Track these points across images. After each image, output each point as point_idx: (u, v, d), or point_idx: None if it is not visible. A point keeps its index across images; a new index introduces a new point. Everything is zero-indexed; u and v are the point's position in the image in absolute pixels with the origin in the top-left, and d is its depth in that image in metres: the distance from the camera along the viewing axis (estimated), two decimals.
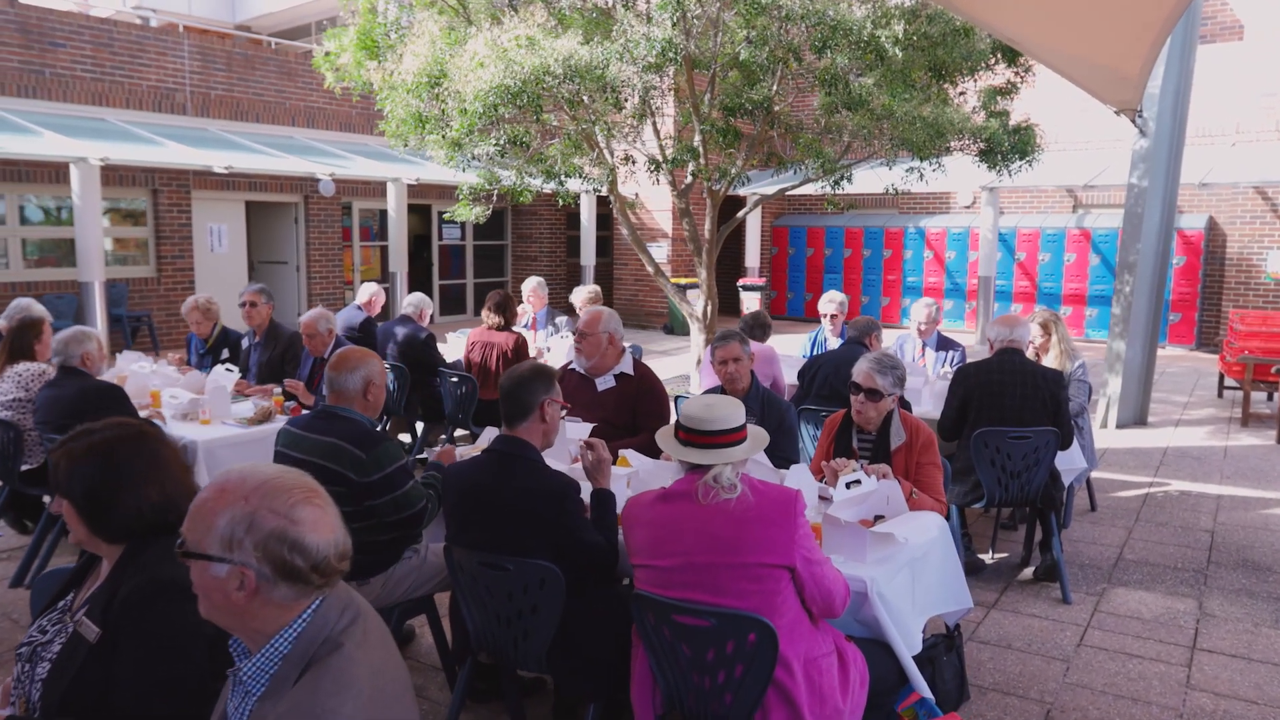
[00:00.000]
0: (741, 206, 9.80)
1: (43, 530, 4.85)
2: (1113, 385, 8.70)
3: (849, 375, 3.92)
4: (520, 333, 6.95)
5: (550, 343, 7.69)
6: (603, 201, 15.26)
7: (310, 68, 9.59)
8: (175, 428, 5.06)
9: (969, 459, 4.75)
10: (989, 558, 5.23)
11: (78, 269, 9.89)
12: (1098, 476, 6.78)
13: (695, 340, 9.62)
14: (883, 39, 7.22)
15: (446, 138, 7.96)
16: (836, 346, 6.16)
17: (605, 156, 8.84)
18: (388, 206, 13.03)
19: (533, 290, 8.16)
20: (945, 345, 6.44)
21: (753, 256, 17.00)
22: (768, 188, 11.38)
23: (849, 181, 9.17)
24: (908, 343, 6.62)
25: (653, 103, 8.73)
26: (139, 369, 5.83)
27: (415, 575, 3.53)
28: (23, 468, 4.96)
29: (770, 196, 10.22)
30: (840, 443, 3.93)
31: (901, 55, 7.47)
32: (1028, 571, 5.03)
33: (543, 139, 8.89)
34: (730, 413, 2.62)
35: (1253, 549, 5.43)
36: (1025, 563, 5.15)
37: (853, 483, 3.25)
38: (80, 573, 2.13)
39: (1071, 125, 14.04)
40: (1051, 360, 5.64)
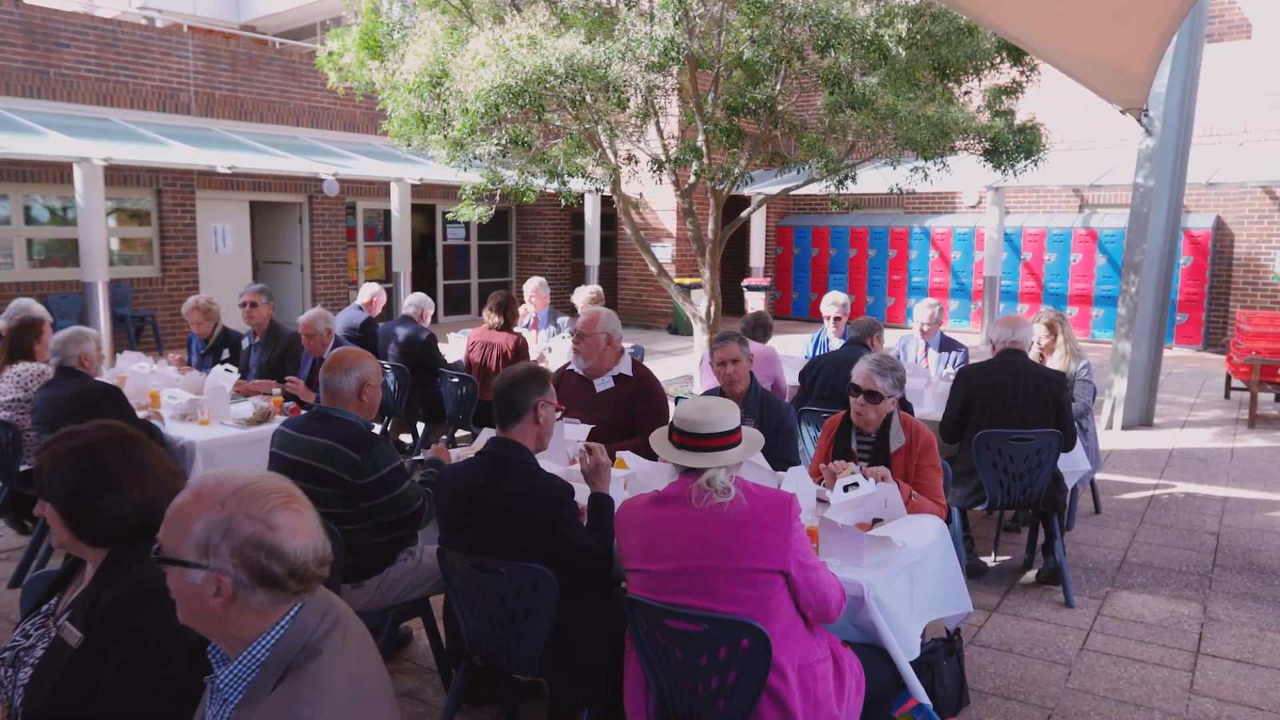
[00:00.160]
0: (746, 206, 9.76)
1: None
2: (1118, 386, 8.65)
3: (850, 376, 3.88)
4: (520, 333, 6.93)
5: (552, 343, 7.66)
6: (607, 201, 15.22)
7: (314, 68, 9.59)
8: (174, 428, 5.05)
9: (971, 461, 4.72)
10: (991, 560, 5.19)
11: (81, 269, 9.89)
12: (1102, 478, 6.73)
13: (699, 341, 9.59)
14: (886, 38, 7.18)
15: (448, 137, 7.94)
16: (838, 347, 6.13)
17: (608, 156, 8.81)
18: (391, 206, 13.03)
19: (534, 291, 8.13)
20: (948, 346, 6.39)
21: (757, 256, 16.96)
22: (771, 187, 11.34)
23: (853, 181, 9.13)
24: (910, 343, 6.58)
25: (656, 102, 8.71)
26: (138, 369, 5.82)
27: (410, 578, 3.51)
28: (22, 468, 4.96)
29: (774, 196, 10.18)
30: (839, 445, 3.89)
31: (905, 54, 7.43)
32: (1030, 574, 4.99)
33: (546, 139, 8.87)
34: (724, 415, 2.59)
35: (1259, 552, 5.38)
36: (1028, 565, 5.11)
37: (850, 485, 3.22)
38: (65, 576, 2.11)
39: (1077, 124, 13.97)
40: (1057, 360, 5.60)
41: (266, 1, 18.53)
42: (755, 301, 15.46)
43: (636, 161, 9.23)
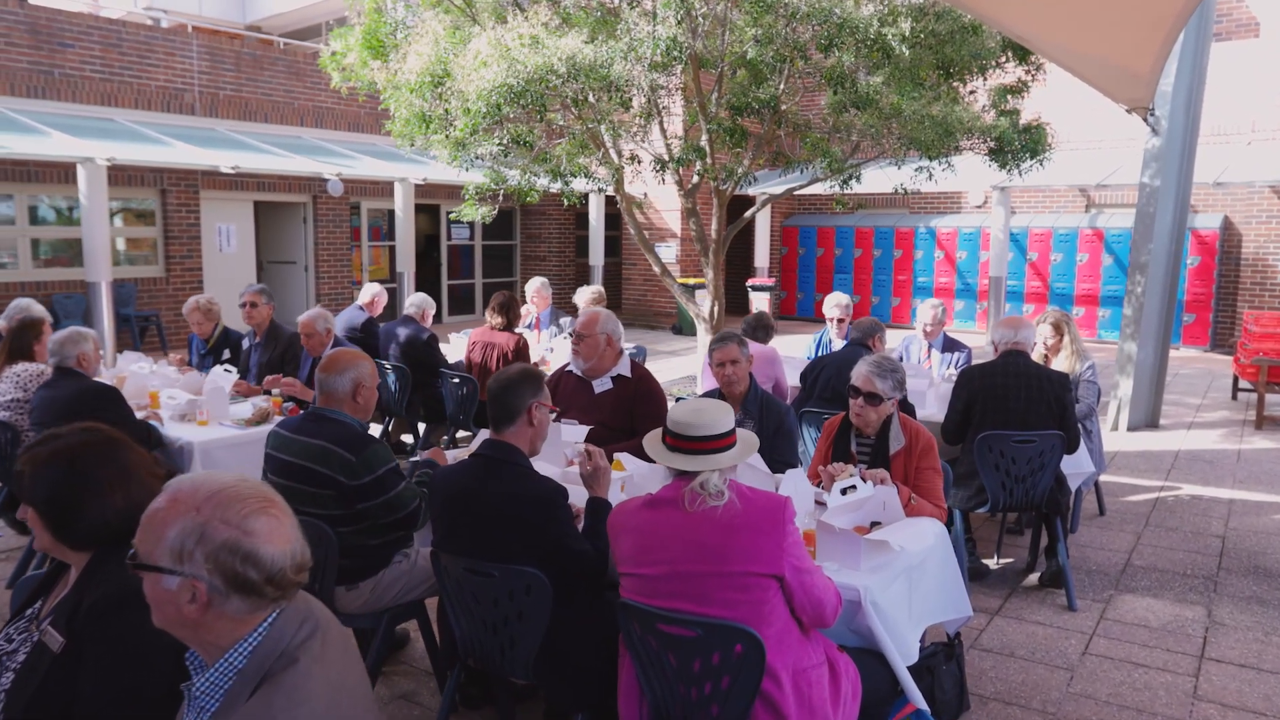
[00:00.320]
0: (750, 206, 9.72)
1: None
2: (1124, 387, 8.59)
3: (850, 378, 3.85)
4: (521, 334, 6.91)
5: (554, 344, 7.64)
6: (611, 201, 15.21)
7: (318, 68, 9.58)
8: (173, 428, 5.04)
9: (973, 463, 4.68)
10: (993, 563, 5.15)
11: (85, 269, 9.90)
12: (1107, 480, 6.68)
13: (702, 341, 9.55)
14: (889, 37, 7.13)
15: (450, 137, 7.92)
16: (840, 348, 6.09)
17: (611, 156, 8.78)
18: (395, 206, 13.02)
19: (536, 291, 8.11)
20: (951, 347, 6.35)
21: (762, 256, 16.91)
22: (775, 187, 11.31)
23: (858, 181, 9.08)
24: (913, 344, 6.54)
25: (660, 102, 8.68)
26: (138, 369, 5.81)
27: (405, 580, 3.48)
28: None
29: (778, 196, 10.14)
30: (839, 447, 3.86)
31: (909, 53, 7.38)
32: (1033, 577, 4.95)
33: (549, 138, 8.84)
34: (718, 418, 2.56)
35: (1265, 555, 5.33)
36: (1030, 568, 5.06)
37: (848, 488, 3.18)
38: (49, 580, 2.09)
39: (1084, 124, 13.89)
40: (1063, 361, 5.55)
41: (272, 1, 18.55)
42: (760, 302, 15.42)
43: (639, 161, 9.20)
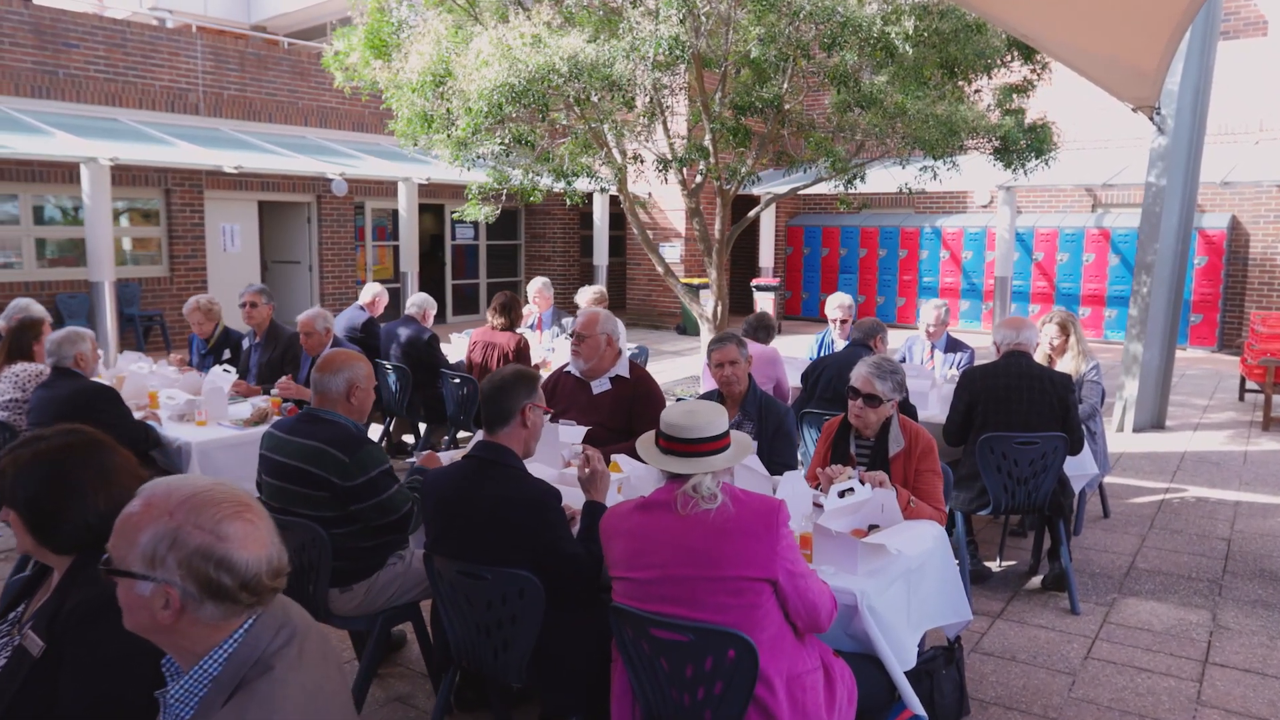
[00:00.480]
0: (755, 206, 9.69)
1: None
2: (1129, 388, 8.53)
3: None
4: (522, 334, 6.89)
5: (556, 344, 7.61)
6: (616, 201, 15.17)
7: (323, 68, 9.58)
8: (171, 429, 5.03)
9: (974, 465, 4.63)
10: (996, 565, 5.11)
11: (88, 269, 9.91)
12: (1112, 482, 6.63)
13: (706, 341, 9.52)
14: (893, 35, 7.09)
15: (452, 137, 7.90)
16: (842, 349, 6.05)
17: (614, 155, 8.75)
18: (399, 206, 13.01)
19: (538, 291, 8.08)
20: (954, 347, 6.30)
21: (767, 256, 16.86)
22: (780, 187, 11.27)
23: (862, 181, 9.04)
24: (916, 344, 6.49)
25: (663, 101, 8.64)
26: (137, 369, 5.80)
27: (400, 582, 3.46)
28: None
29: (782, 195, 10.10)
30: (838, 448, 3.82)
31: (912, 52, 7.34)
32: (1035, 580, 4.91)
33: (552, 138, 8.82)
34: (711, 420, 2.53)
35: (1271, 558, 5.27)
36: (1033, 571, 5.02)
37: (846, 491, 3.15)
38: (32, 583, 2.07)
39: (1091, 123, 13.82)
40: (1069, 361, 5.51)
41: (277, 1, 18.56)
42: (765, 302, 15.37)
43: (642, 161, 9.17)
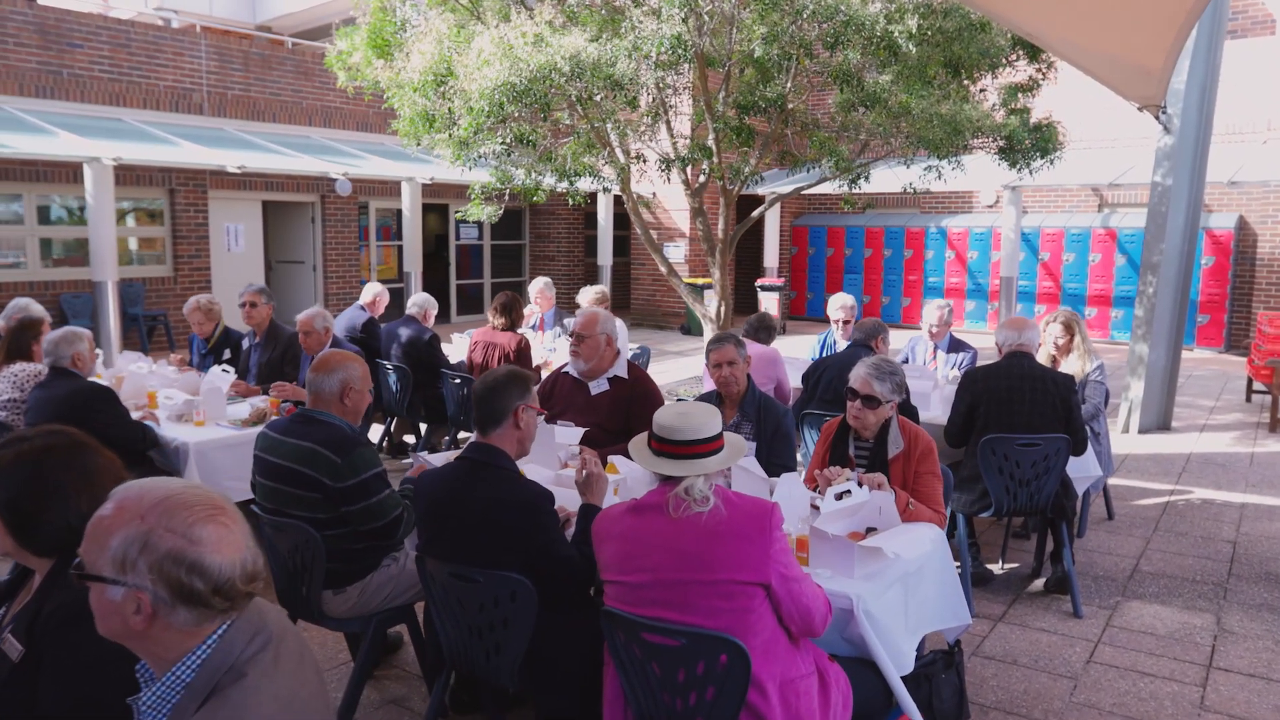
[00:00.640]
0: (759, 206, 9.64)
1: None
2: (1135, 389, 8.47)
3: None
4: (524, 334, 6.86)
5: (557, 344, 7.59)
6: (621, 201, 15.15)
7: (326, 67, 9.58)
8: (169, 429, 5.02)
9: (976, 466, 4.59)
10: (998, 568, 5.06)
11: (91, 268, 9.92)
12: (1116, 484, 6.58)
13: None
14: (896, 34, 7.05)
15: (453, 136, 7.88)
16: (843, 350, 6.01)
17: (617, 155, 8.72)
18: (402, 206, 13.00)
19: (539, 291, 8.06)
20: (957, 347, 6.26)
21: (772, 256, 16.81)
22: (784, 186, 11.23)
23: (866, 180, 9.00)
24: (919, 344, 6.45)
25: (667, 100, 8.61)
26: (136, 369, 5.79)
27: (394, 583, 3.43)
28: None
29: (787, 195, 10.06)
30: (836, 450, 3.78)
31: (916, 51, 7.30)
32: (1038, 583, 4.86)
33: (555, 137, 8.79)
34: (704, 422, 2.50)
35: (1276, 561, 5.22)
36: (1036, 574, 4.97)
37: (843, 493, 3.11)
38: (13, 586, 2.04)
39: (1097, 122, 13.74)
40: (1074, 361, 5.47)
41: (282, 1, 18.56)
42: (769, 302, 15.34)
43: (645, 160, 9.14)
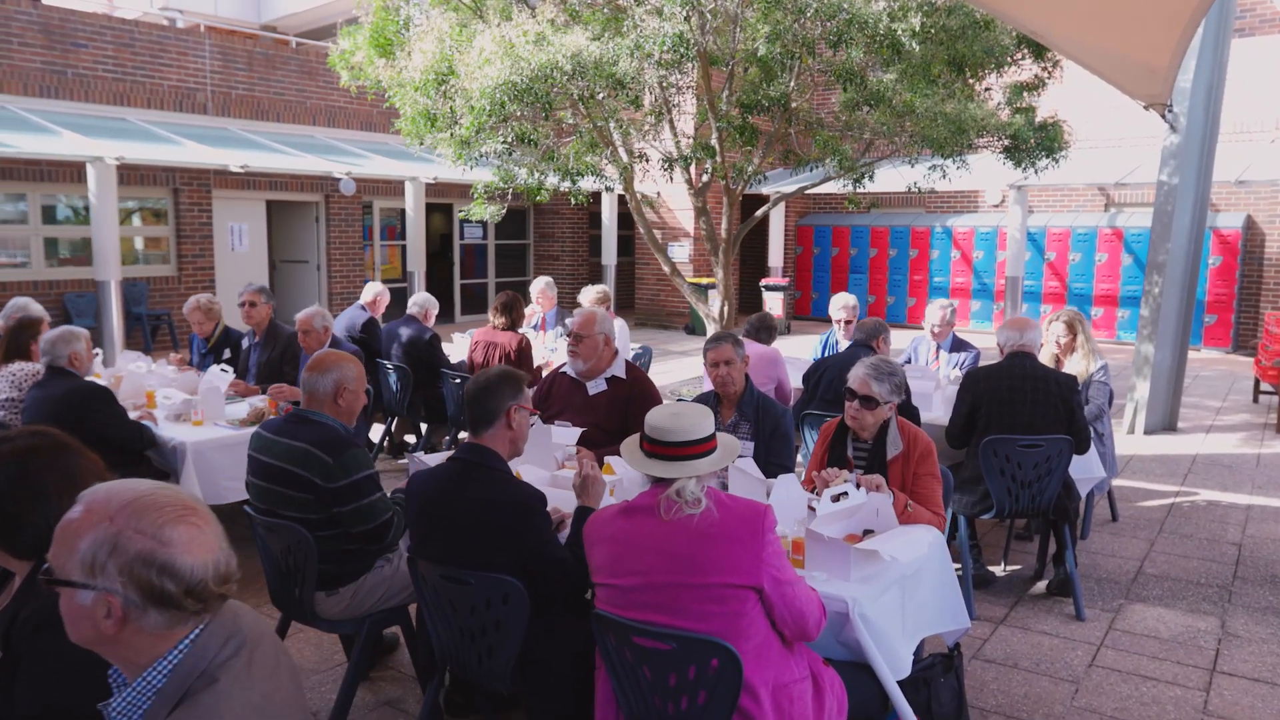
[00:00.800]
0: (764, 205, 9.61)
1: None
2: (1140, 389, 8.40)
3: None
4: (524, 334, 6.84)
5: (559, 344, 7.56)
6: (625, 200, 15.12)
7: (330, 67, 9.58)
8: (167, 428, 5.00)
9: (977, 468, 4.55)
10: (1000, 570, 5.02)
11: (94, 268, 9.92)
12: (1121, 485, 6.53)
13: None
14: (899, 32, 7.00)
15: (455, 136, 7.86)
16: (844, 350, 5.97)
17: (619, 154, 8.69)
18: (406, 205, 12.99)
19: (541, 291, 8.03)
20: (959, 347, 6.21)
21: (776, 256, 16.77)
22: (788, 186, 11.18)
23: (870, 180, 8.95)
24: (922, 344, 6.41)
25: (671, 99, 8.58)
26: (135, 369, 5.78)
27: (388, 585, 3.41)
28: None
29: (791, 195, 10.02)
30: (835, 451, 3.75)
31: (919, 49, 7.26)
32: (1040, 585, 4.82)
33: (559, 136, 8.77)
34: (697, 423, 2.47)
35: None
36: (1038, 576, 4.93)
37: (840, 495, 3.08)
38: None
39: (1104, 122, 13.66)
40: (1077, 361, 5.42)
41: (287, 1, 18.58)
42: (774, 302, 15.29)
43: (647, 160, 9.11)
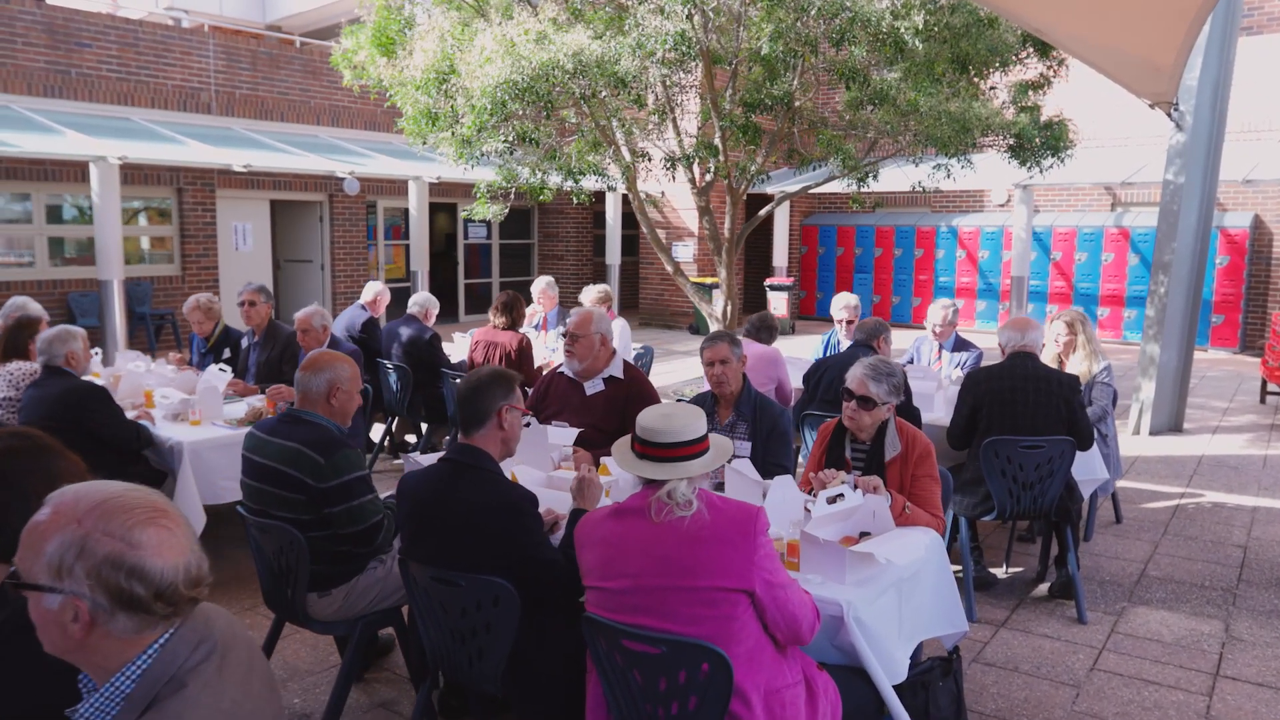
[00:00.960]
0: (768, 204, 9.57)
1: None
2: (1146, 390, 8.34)
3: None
4: (525, 334, 6.81)
5: (560, 344, 7.52)
6: (629, 199, 15.09)
7: (333, 66, 9.57)
8: (164, 428, 4.98)
9: (979, 469, 4.51)
10: (1002, 572, 4.97)
11: (97, 267, 9.92)
12: (1125, 486, 6.48)
13: None
14: (902, 30, 6.96)
15: (456, 135, 7.84)
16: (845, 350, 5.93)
17: (622, 153, 8.66)
18: (409, 205, 12.98)
19: (542, 291, 8.00)
20: (962, 347, 6.16)
21: (781, 256, 16.71)
22: (791, 185, 11.14)
23: (874, 179, 8.91)
24: (924, 344, 6.36)
25: (674, 98, 8.54)
26: (134, 368, 5.77)
27: (380, 586, 3.38)
28: None
29: (794, 194, 9.98)
30: (833, 452, 3.71)
31: (922, 47, 7.21)
32: (1042, 588, 4.77)
33: (561, 135, 8.74)
34: (688, 424, 2.44)
35: None
36: (1040, 578, 4.88)
37: (836, 497, 3.04)
38: None
39: (1110, 121, 13.58)
40: (1079, 361, 5.37)
41: (292, 1, 18.58)
42: (778, 301, 15.24)
43: (650, 159, 9.08)
